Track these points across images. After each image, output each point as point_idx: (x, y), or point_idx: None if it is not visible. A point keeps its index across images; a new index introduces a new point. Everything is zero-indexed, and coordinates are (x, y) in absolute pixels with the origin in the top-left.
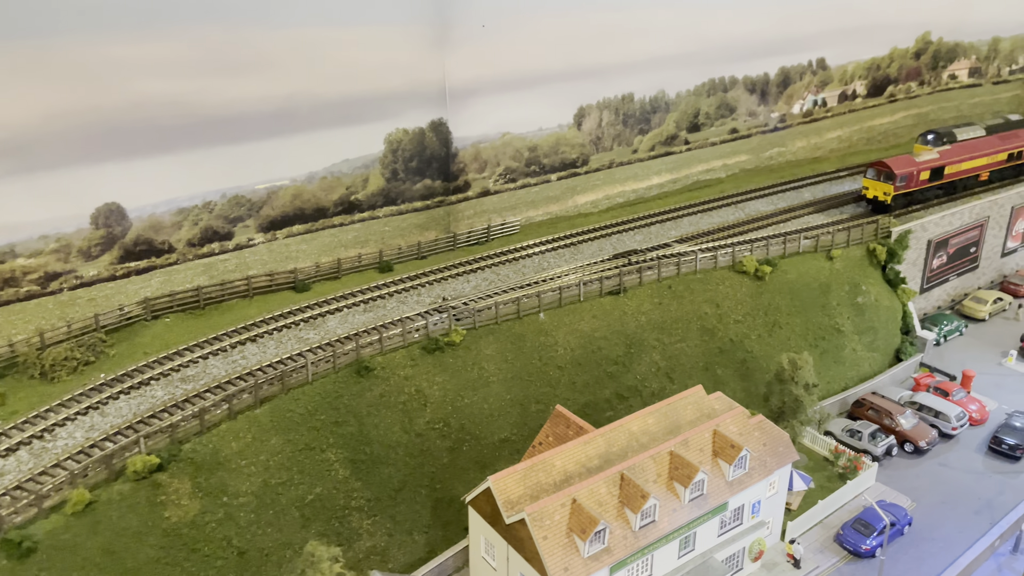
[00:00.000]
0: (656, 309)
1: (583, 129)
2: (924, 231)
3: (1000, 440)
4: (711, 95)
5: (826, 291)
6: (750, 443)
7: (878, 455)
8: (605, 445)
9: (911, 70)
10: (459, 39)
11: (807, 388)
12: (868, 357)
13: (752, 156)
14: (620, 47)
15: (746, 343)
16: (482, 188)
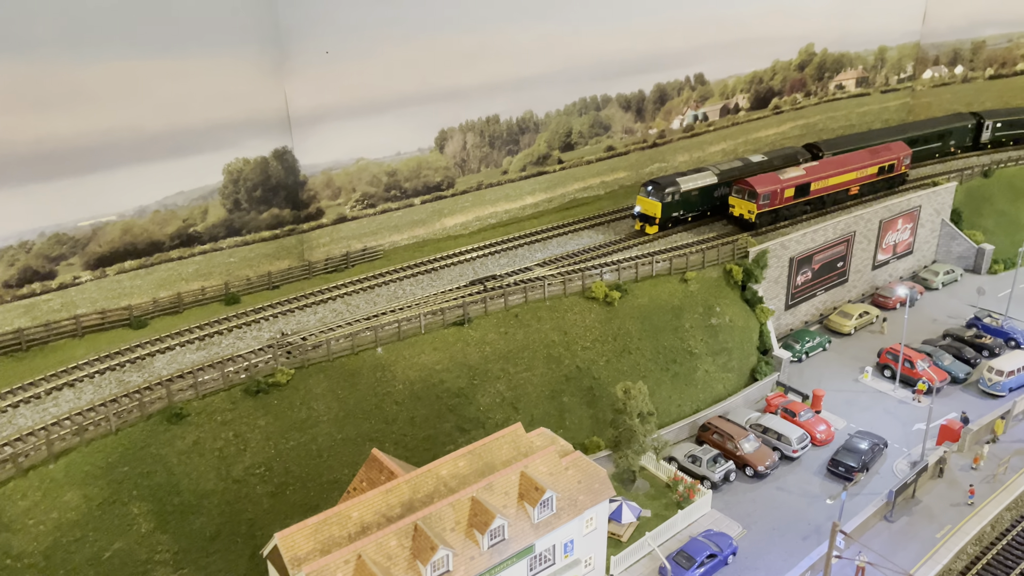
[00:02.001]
0: (502, 339)
1: (446, 152)
2: (785, 249)
3: (838, 463)
4: (583, 114)
5: (679, 314)
6: (560, 482)
7: (716, 481)
8: (410, 492)
9: (795, 82)
10: (300, 66)
11: (642, 417)
12: (722, 378)
13: (631, 172)
14: (480, 69)
15: (594, 369)
16: (338, 215)
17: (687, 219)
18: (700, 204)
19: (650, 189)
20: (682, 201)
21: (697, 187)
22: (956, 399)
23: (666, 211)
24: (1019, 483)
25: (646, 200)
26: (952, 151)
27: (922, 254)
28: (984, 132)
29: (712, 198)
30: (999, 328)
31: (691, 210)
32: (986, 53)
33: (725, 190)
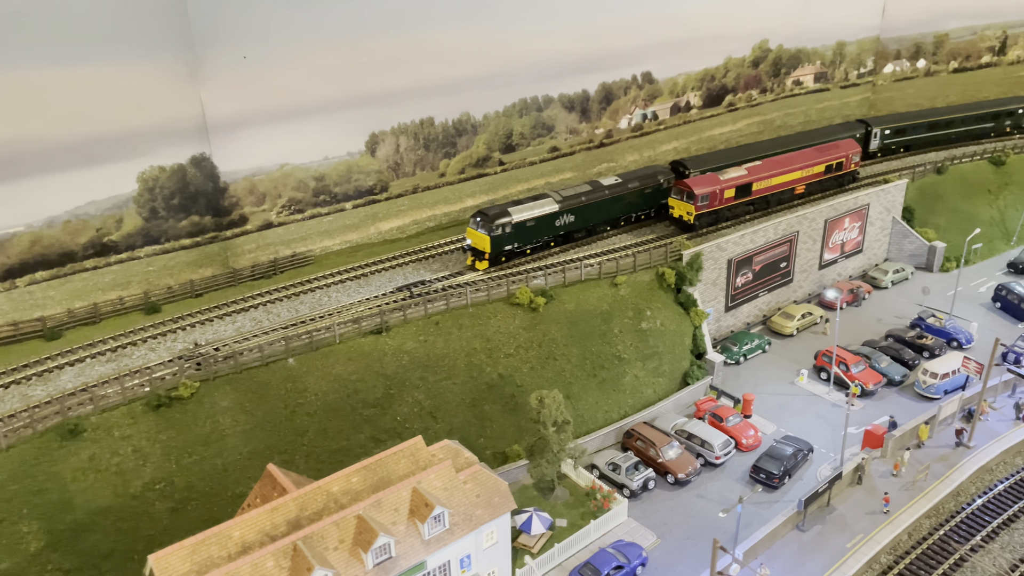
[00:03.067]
0: (421, 347)
1: (378, 156)
2: (722, 251)
3: (759, 469)
4: (524, 115)
5: (608, 319)
6: (455, 497)
7: (635, 489)
8: (297, 510)
9: (750, 78)
10: (216, 72)
11: (557, 426)
12: (652, 383)
13: (579, 173)
14: (410, 72)
15: (516, 377)
16: (264, 221)
17: (525, 252)
18: (539, 235)
19: (478, 220)
20: (515, 233)
21: (533, 217)
22: (891, 402)
23: (496, 245)
24: (939, 490)
25: (475, 233)
26: None
27: (873, 252)
28: (872, 140)
29: (554, 227)
30: (941, 328)
31: (528, 242)
32: (949, 46)
33: (570, 218)
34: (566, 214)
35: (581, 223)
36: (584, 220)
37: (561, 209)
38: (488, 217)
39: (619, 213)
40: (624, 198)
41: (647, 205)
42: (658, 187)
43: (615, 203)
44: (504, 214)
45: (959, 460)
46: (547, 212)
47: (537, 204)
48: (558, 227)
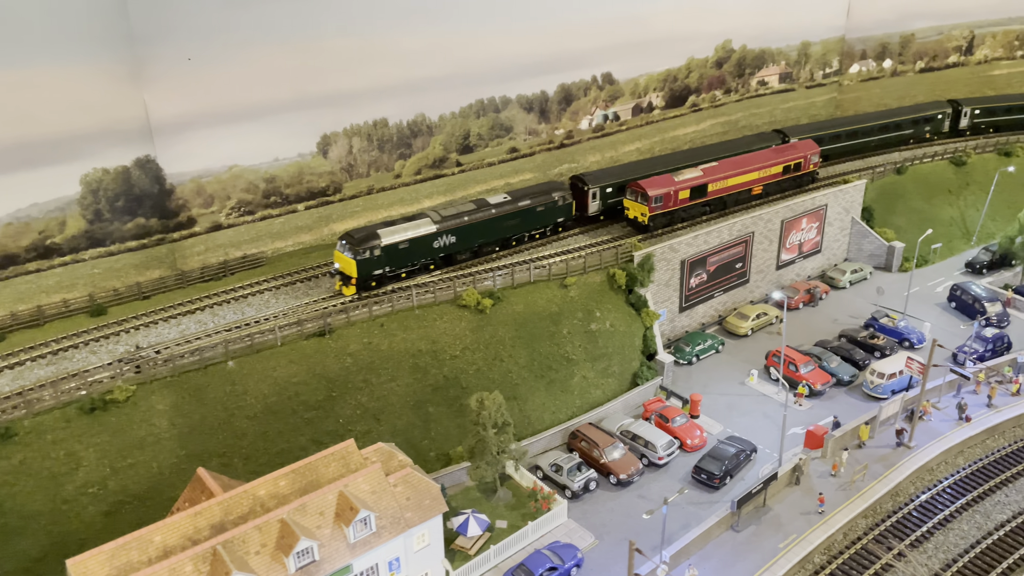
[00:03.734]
0: (365, 349)
1: (331, 157)
2: (675, 252)
3: (700, 470)
4: (482, 116)
5: (557, 320)
6: (384, 500)
7: (576, 490)
8: (221, 514)
9: (713, 79)
10: (160, 74)
11: (497, 428)
12: (601, 384)
13: (539, 174)
14: (363, 73)
15: (462, 379)
16: (212, 222)
17: (400, 276)
18: (415, 258)
19: (344, 243)
20: (386, 257)
21: (407, 239)
22: (839, 402)
23: (364, 269)
24: (876, 490)
25: (341, 256)
26: None
27: (832, 252)
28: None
29: (432, 249)
30: (894, 328)
31: (401, 265)
32: (916, 46)
33: (450, 239)
34: (446, 235)
35: (464, 244)
36: (467, 241)
37: (440, 230)
38: (355, 239)
39: (509, 233)
40: (513, 217)
41: (541, 224)
42: (552, 205)
43: (503, 222)
44: (372, 236)
45: (898, 460)
46: (423, 233)
47: (412, 225)
48: (437, 249)
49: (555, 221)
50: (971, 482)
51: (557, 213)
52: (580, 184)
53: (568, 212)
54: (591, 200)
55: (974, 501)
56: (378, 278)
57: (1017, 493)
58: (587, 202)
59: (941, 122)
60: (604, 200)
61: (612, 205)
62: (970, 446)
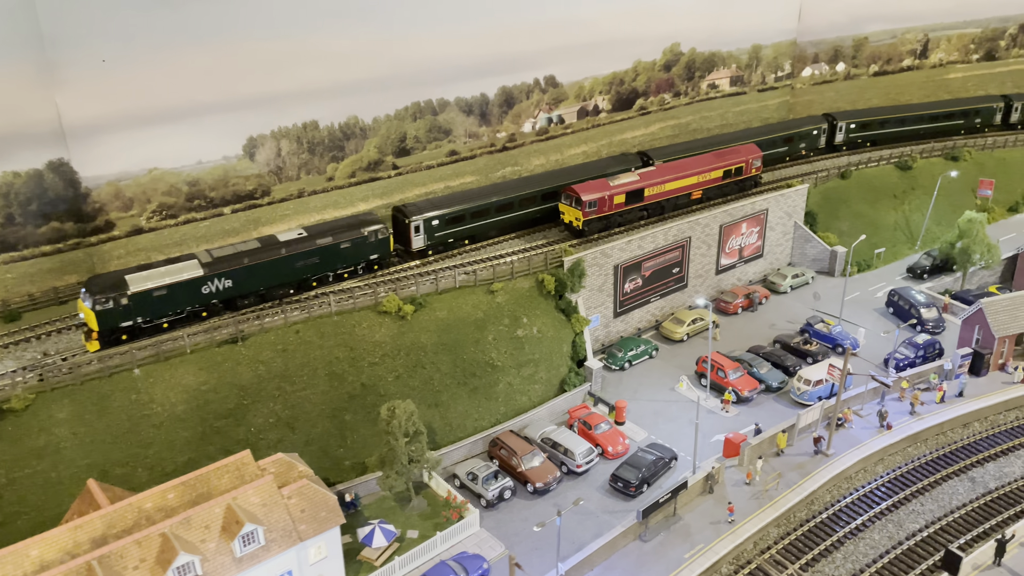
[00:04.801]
0: (279, 356)
1: (258, 160)
2: (607, 257)
3: (617, 478)
4: (418, 119)
5: (482, 326)
6: (275, 513)
7: (490, 499)
8: (104, 527)
9: (662, 82)
10: (73, 76)
11: (409, 437)
12: (527, 391)
13: (480, 177)
14: (291, 75)
15: (381, 386)
16: (132, 226)
17: (161, 327)
18: (177, 306)
19: (84, 291)
20: (136, 307)
21: (164, 285)
22: (766, 409)
23: (106, 321)
24: (789, 498)
25: (82, 306)
26: None
27: (775, 257)
28: None
29: (200, 296)
30: (828, 334)
31: (159, 315)
32: (869, 50)
33: (225, 283)
34: (218, 279)
35: (245, 288)
36: (248, 285)
37: (209, 274)
38: (95, 287)
39: (305, 274)
40: (309, 255)
41: (349, 262)
42: (362, 241)
43: (295, 262)
44: (118, 284)
45: (815, 468)
46: (187, 278)
47: (173, 269)
48: (207, 295)
49: (367, 259)
50: (888, 490)
51: (370, 250)
52: (401, 216)
53: (385, 248)
54: (414, 234)
55: (889, 510)
56: (129, 330)
57: (933, 502)
58: (410, 236)
59: (817, 137)
60: (431, 233)
61: (444, 239)
62: (890, 454)
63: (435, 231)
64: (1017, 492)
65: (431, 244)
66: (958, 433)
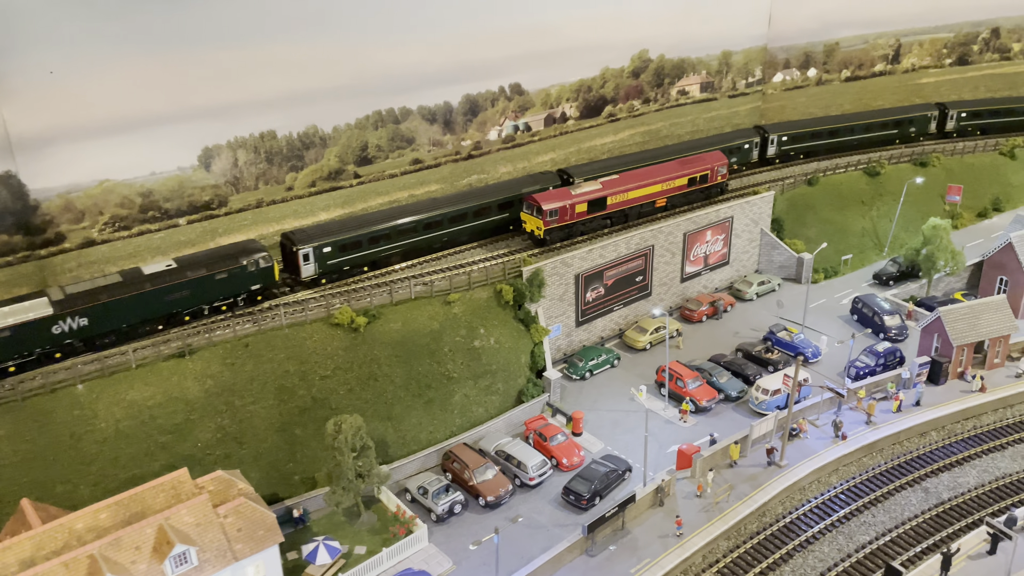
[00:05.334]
0: (227, 370)
1: (214, 170)
2: (567, 266)
3: (569, 491)
4: (380, 127)
5: (438, 338)
6: (209, 533)
7: (440, 513)
8: (32, 549)
9: (630, 89)
10: (19, 87)
11: (357, 451)
12: (484, 402)
13: (445, 185)
14: (246, 85)
15: (332, 400)
16: (84, 238)
17: (7, 370)
18: (25, 347)
19: None
20: None
21: (6, 327)
22: (725, 419)
23: None
24: (739, 511)
25: None
26: None
27: (741, 264)
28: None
29: (51, 336)
30: (790, 342)
31: (2, 359)
32: (840, 55)
33: (80, 322)
34: (72, 318)
35: (104, 326)
36: (108, 323)
37: (61, 312)
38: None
39: (174, 308)
40: (178, 289)
41: (227, 294)
42: (241, 271)
43: (162, 297)
44: None
45: (768, 480)
46: (32, 318)
47: (19, 308)
48: (59, 335)
49: (248, 289)
50: (840, 501)
51: (250, 280)
52: (289, 243)
53: (268, 278)
54: (303, 262)
55: (840, 521)
56: None
57: (885, 513)
58: (299, 264)
59: (749, 151)
60: (323, 261)
61: (337, 267)
62: (845, 464)
63: (327, 259)
64: (969, 503)
65: (323, 272)
66: (914, 443)
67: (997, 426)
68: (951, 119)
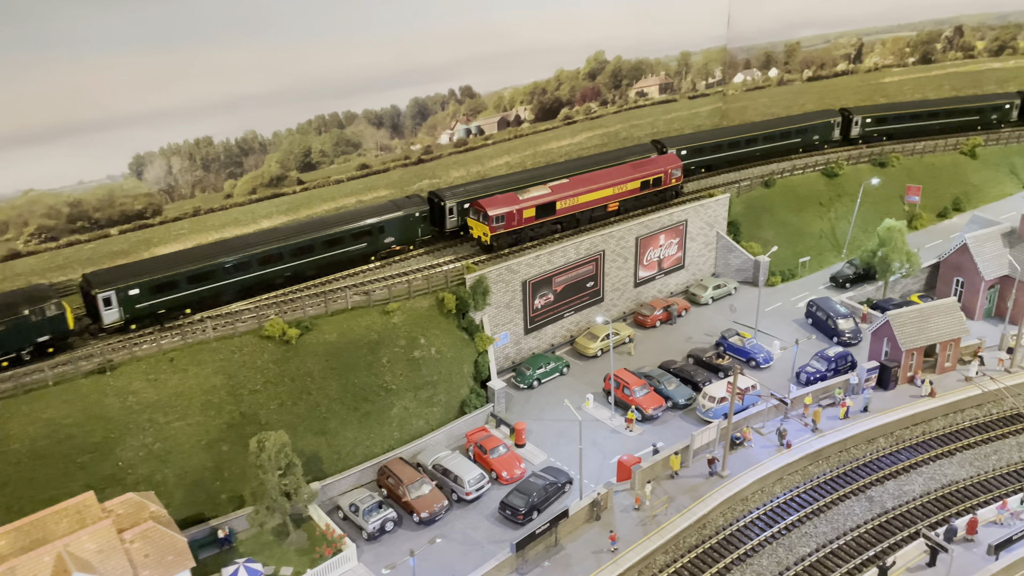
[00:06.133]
0: (151, 386)
1: (147, 178)
2: (513, 273)
3: (505, 505)
4: (323, 132)
5: (376, 349)
6: (112, 560)
7: (371, 531)
8: None
9: (587, 90)
10: None
11: (283, 469)
12: (425, 414)
13: (395, 190)
14: (179, 90)
15: (262, 415)
16: (9, 250)
17: None
18: None
19: None
20: None
21: None
22: (672, 427)
23: None
24: (677, 523)
25: None
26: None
27: (698, 268)
28: (448, 218)
29: None
30: (742, 347)
31: None
32: (802, 55)
33: None
34: None
35: None
36: None
37: None
38: None
39: None
40: None
41: (5, 349)
42: (22, 322)
43: None
44: None
45: (708, 491)
46: None
47: None
48: None
49: (34, 341)
50: (783, 512)
51: (36, 331)
52: (87, 287)
53: (59, 327)
54: (104, 307)
55: (781, 533)
56: None
57: (827, 524)
58: (99, 310)
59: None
60: (130, 306)
61: (150, 310)
62: (789, 473)
63: (134, 302)
64: (913, 512)
65: (131, 318)
66: (861, 450)
67: (947, 431)
68: (856, 125)
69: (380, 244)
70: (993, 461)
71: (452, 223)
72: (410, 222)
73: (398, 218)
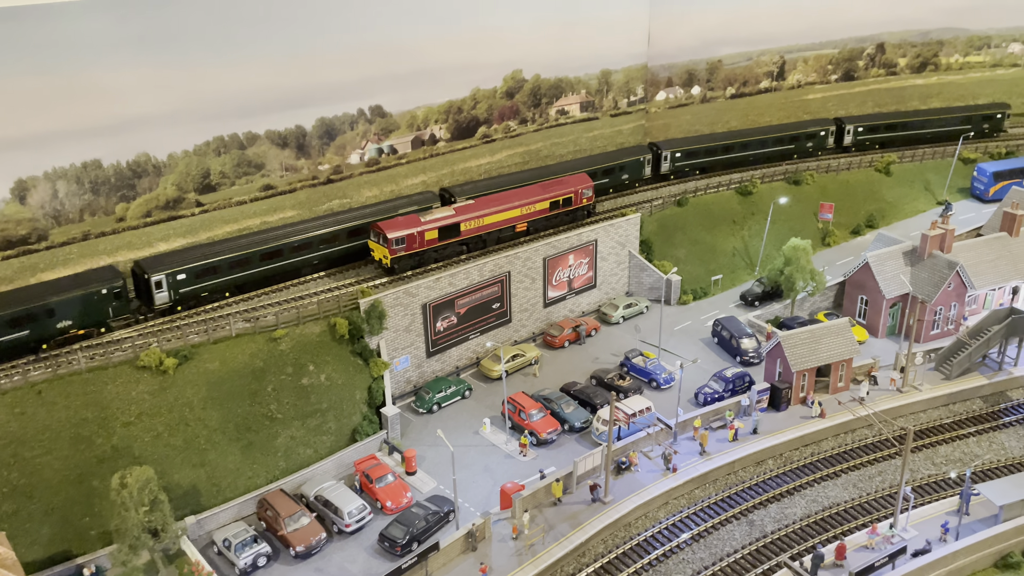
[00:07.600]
0: (15, 420)
1: (30, 203)
2: (412, 296)
3: (384, 537)
4: (223, 153)
5: (261, 377)
6: None
7: (242, 568)
8: None
9: (505, 109)
10: None
11: (148, 505)
12: (313, 443)
13: (303, 211)
14: (63, 112)
15: (135, 447)
16: None
17: None
18: None
19: None
20: None
21: None
22: (567, 451)
23: None
24: (553, 552)
25: None
26: None
27: (610, 287)
28: None
29: None
30: (644, 368)
31: None
32: (724, 72)
33: None
34: None
35: None
36: None
37: None
38: None
39: None
40: None
41: None
42: None
43: None
44: None
45: (589, 518)
46: None
47: None
48: None
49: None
50: (664, 537)
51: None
52: (141, 272)
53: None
54: (155, 289)
55: (659, 559)
56: None
57: (706, 549)
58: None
59: (642, 167)
60: (176, 289)
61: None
62: (675, 497)
63: (180, 286)
64: (791, 536)
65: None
66: (749, 472)
67: (836, 452)
68: (848, 134)
69: None
70: (877, 483)
71: None
72: None
73: None
